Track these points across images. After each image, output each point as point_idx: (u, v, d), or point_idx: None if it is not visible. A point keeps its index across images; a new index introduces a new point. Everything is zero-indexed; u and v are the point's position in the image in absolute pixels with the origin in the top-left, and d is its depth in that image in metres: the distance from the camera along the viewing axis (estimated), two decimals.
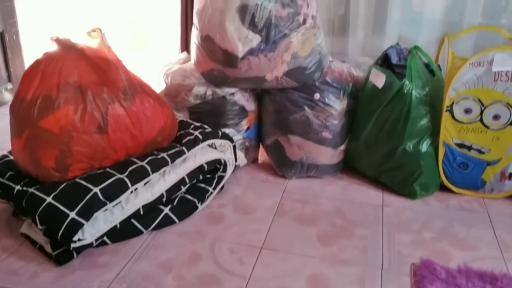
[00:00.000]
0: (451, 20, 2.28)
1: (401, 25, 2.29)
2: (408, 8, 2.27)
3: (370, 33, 2.34)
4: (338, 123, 1.90)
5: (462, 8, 2.23)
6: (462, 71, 1.68)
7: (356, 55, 2.32)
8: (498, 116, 1.73)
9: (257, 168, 2.08)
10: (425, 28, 2.27)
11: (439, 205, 1.81)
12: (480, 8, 2.21)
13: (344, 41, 2.36)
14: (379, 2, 2.25)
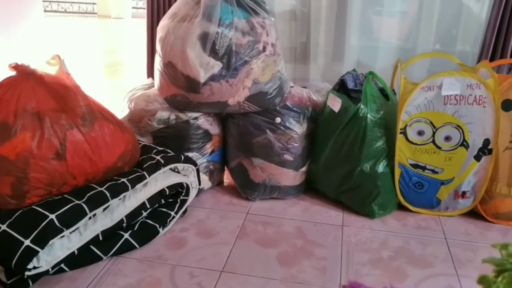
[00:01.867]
0: (406, 47, 2.33)
1: (359, 51, 2.34)
2: (365, 35, 2.32)
3: (330, 59, 2.37)
4: (299, 146, 1.90)
5: (416, 36, 2.29)
6: (414, 95, 1.71)
7: (317, 80, 2.35)
8: (449, 138, 1.75)
9: (222, 191, 2.05)
10: (381, 54, 2.31)
11: (396, 224, 1.81)
12: (433, 36, 2.27)
13: (306, 68, 2.39)
14: (338, 30, 2.29)
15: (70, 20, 7.90)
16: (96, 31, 7.29)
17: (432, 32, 2.26)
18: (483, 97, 1.69)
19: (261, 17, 1.82)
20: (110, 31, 7.22)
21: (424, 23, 2.26)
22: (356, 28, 2.28)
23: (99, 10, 8.08)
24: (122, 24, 7.44)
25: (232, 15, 1.75)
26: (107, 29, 7.37)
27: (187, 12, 1.79)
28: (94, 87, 3.89)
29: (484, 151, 1.75)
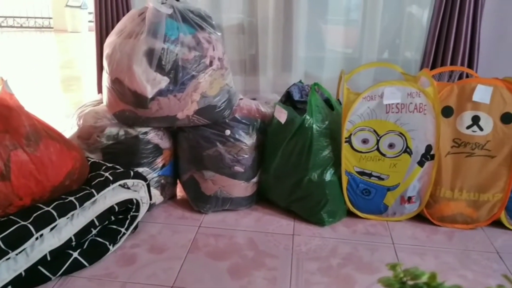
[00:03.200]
0: (352, 57, 2.40)
1: (306, 62, 2.39)
2: (312, 47, 2.37)
3: (279, 71, 2.42)
4: (249, 157, 1.91)
5: (361, 46, 2.37)
6: (357, 104, 1.76)
7: (267, 92, 2.38)
8: (393, 145, 1.81)
9: (174, 205, 2.04)
10: (328, 64, 2.37)
11: (346, 231, 1.84)
12: (377, 45, 2.35)
13: (256, 79, 2.42)
14: (286, 42, 2.34)
15: (27, 35, 7.72)
16: (52, 46, 7.14)
17: (376, 41, 2.34)
18: (423, 104, 1.75)
19: (207, 32, 1.83)
20: (66, 45, 7.09)
21: (368, 32, 2.33)
22: (303, 39, 2.34)
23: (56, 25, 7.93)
24: (79, 38, 7.33)
25: (177, 31, 1.76)
26: (63, 43, 7.24)
27: (133, 28, 1.79)
28: (50, 103, 3.81)
29: (427, 157, 1.82)
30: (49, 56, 6.29)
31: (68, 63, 5.77)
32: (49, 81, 4.74)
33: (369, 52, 2.35)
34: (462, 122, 1.78)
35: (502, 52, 2.29)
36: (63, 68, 5.45)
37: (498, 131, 1.76)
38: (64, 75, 5.03)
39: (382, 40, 2.35)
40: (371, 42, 2.33)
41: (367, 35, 2.35)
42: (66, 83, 4.66)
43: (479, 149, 1.79)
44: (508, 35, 2.25)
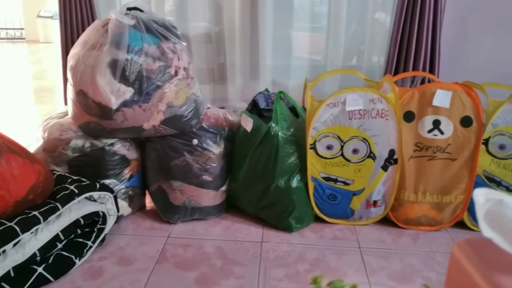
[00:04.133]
0: (318, 64, 2.43)
1: (273, 70, 2.40)
2: (279, 55, 2.38)
3: (247, 79, 2.42)
4: (217, 166, 1.91)
5: (326, 53, 2.39)
6: (320, 112, 1.78)
7: (235, 100, 2.38)
8: (357, 150, 1.83)
9: (143, 216, 2.01)
10: (294, 72, 2.39)
11: (313, 236, 1.85)
12: (342, 52, 2.38)
13: (224, 88, 2.42)
14: (253, 51, 2.35)
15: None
16: (25, 57, 7.01)
17: (341, 48, 2.37)
18: (385, 110, 1.78)
19: (172, 42, 1.83)
20: (39, 56, 6.97)
21: (333, 39, 2.36)
22: (269, 48, 2.35)
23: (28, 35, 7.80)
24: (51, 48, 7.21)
25: (141, 42, 1.75)
26: (36, 54, 7.11)
27: (97, 39, 1.77)
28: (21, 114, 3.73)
29: (390, 161, 1.84)
30: (21, 67, 6.17)
31: (40, 74, 5.67)
32: (21, 92, 4.65)
33: (334, 59, 2.38)
34: (424, 126, 1.81)
35: (463, 57, 2.35)
36: (35, 79, 5.36)
37: (459, 135, 1.80)
38: (36, 86, 4.94)
39: (347, 46, 2.38)
40: (337, 49, 2.36)
41: (332, 42, 2.37)
42: (38, 94, 4.57)
43: (440, 153, 1.82)
44: (468, 41, 2.31)
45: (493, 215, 0.48)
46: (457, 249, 0.60)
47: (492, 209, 0.48)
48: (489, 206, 0.49)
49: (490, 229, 0.47)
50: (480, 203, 0.50)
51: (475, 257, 0.54)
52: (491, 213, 0.48)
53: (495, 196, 0.50)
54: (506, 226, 0.46)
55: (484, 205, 0.49)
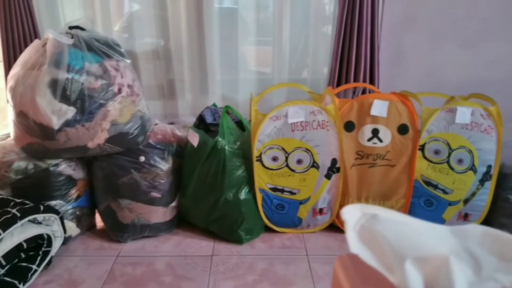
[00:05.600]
0: (266, 78, 2.42)
1: (222, 85, 2.38)
2: (227, 69, 2.36)
3: (197, 94, 2.39)
4: (166, 182, 1.86)
5: (273, 67, 2.39)
6: (264, 125, 1.77)
7: (186, 115, 2.34)
8: (301, 161, 1.83)
9: (93, 236, 1.93)
10: (243, 86, 2.37)
11: (263, 247, 1.83)
12: (287, 66, 2.38)
13: (174, 104, 2.37)
14: (201, 66, 2.32)
15: None
16: None
17: (286, 61, 2.38)
18: (325, 121, 1.79)
19: (115, 59, 1.78)
20: None
21: (279, 53, 2.36)
22: (217, 62, 2.33)
23: None
24: None
25: (82, 60, 1.69)
26: None
27: (37, 59, 1.70)
28: None
29: (333, 170, 1.86)
30: None
31: None
32: None
33: (281, 72, 2.38)
34: (363, 135, 1.83)
35: (401, 68, 2.40)
36: None
37: (396, 142, 1.83)
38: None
39: (292, 60, 2.39)
40: (283, 63, 2.36)
41: (278, 56, 2.37)
42: None
43: (380, 159, 1.85)
44: (406, 52, 2.37)
45: (366, 230, 0.47)
46: (337, 263, 0.59)
47: (366, 224, 0.47)
48: (364, 221, 0.48)
49: (362, 244, 0.46)
50: (350, 219, 0.49)
51: (352, 272, 0.53)
52: (364, 228, 0.47)
53: (370, 210, 0.49)
54: (377, 241, 0.45)
55: (359, 220, 0.48)
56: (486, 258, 0.45)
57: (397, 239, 0.46)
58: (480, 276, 0.45)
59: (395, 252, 0.44)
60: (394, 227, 0.47)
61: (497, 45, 2.34)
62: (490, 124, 1.81)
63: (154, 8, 2.27)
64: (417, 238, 0.47)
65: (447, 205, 1.90)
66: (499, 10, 2.27)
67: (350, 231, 0.48)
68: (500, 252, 0.45)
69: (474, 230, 0.49)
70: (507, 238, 0.46)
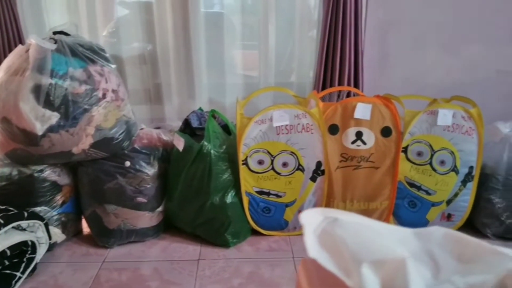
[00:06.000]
0: (252, 81, 2.42)
1: (209, 89, 2.37)
2: (214, 73, 2.35)
3: (184, 98, 2.37)
4: (152, 187, 1.84)
5: (260, 70, 2.39)
6: (249, 128, 1.76)
7: (173, 119, 2.33)
8: (286, 164, 1.83)
9: (79, 242, 1.90)
10: (230, 90, 2.37)
11: (250, 250, 1.82)
12: (273, 70, 2.38)
13: (161, 108, 2.36)
14: (188, 70, 2.31)
15: None
16: None
17: (273, 65, 2.38)
18: (310, 124, 1.79)
19: (99, 65, 1.76)
20: None
21: (266, 57, 2.36)
22: (204, 66, 2.32)
23: None
24: None
25: (66, 66, 1.66)
26: None
27: (20, 65, 1.67)
28: None
29: (318, 173, 1.85)
30: None
31: None
32: None
33: (268, 76, 2.38)
34: (347, 138, 1.84)
35: (385, 71, 2.42)
36: None
37: (380, 144, 1.84)
38: None
39: (279, 64, 2.39)
40: (269, 67, 2.36)
41: (265, 60, 2.37)
42: None
43: (364, 162, 1.85)
44: (390, 56, 2.38)
45: (327, 234, 0.46)
46: (301, 266, 0.59)
47: (327, 228, 0.47)
48: (325, 225, 0.47)
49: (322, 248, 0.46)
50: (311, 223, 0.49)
51: (314, 276, 0.52)
52: (325, 232, 0.47)
53: (332, 214, 0.49)
54: (336, 245, 0.45)
55: (321, 224, 0.48)
56: (446, 261, 0.45)
57: (355, 242, 0.45)
58: (438, 278, 0.44)
59: (352, 256, 0.44)
60: (354, 231, 0.47)
61: (477, 49, 2.37)
62: (471, 125, 1.83)
63: (140, 12, 2.26)
64: (377, 241, 0.46)
65: (431, 206, 1.91)
66: (478, 14, 2.30)
67: (309, 235, 0.47)
68: (459, 254, 0.45)
69: (437, 233, 0.49)
70: (467, 240, 0.46)
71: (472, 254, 0.44)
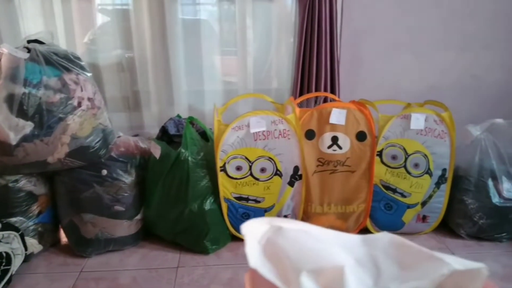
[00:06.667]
0: (232, 88, 2.40)
1: (189, 96, 2.34)
2: (192, 80, 2.33)
3: (163, 105, 2.34)
4: (130, 195, 1.80)
5: (238, 78, 2.38)
6: (227, 135, 1.74)
7: (152, 127, 2.29)
8: (264, 169, 1.81)
9: (56, 252, 1.85)
10: (209, 97, 2.35)
11: (229, 256, 1.80)
12: (252, 77, 2.37)
13: (140, 115, 2.32)
14: (166, 77, 2.28)
15: None
16: None
17: (251, 72, 2.37)
18: (286, 130, 1.78)
19: (75, 73, 1.72)
20: None
21: (244, 64, 2.35)
22: (183, 73, 2.29)
23: None
24: None
25: (40, 74, 1.62)
26: None
27: None
28: None
29: (296, 177, 1.85)
30: None
31: None
32: None
33: (247, 82, 2.37)
34: (324, 142, 1.83)
35: (361, 77, 2.44)
36: None
37: (355, 148, 1.84)
38: None
39: (258, 70, 2.38)
40: (249, 73, 2.35)
41: (244, 67, 2.36)
42: None
43: (340, 166, 1.85)
44: (365, 62, 2.40)
45: (271, 244, 0.45)
46: (247, 276, 0.57)
47: (271, 237, 0.46)
48: (270, 234, 0.46)
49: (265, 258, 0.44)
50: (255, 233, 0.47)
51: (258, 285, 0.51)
52: (270, 241, 0.46)
53: (277, 223, 0.47)
54: (278, 254, 0.44)
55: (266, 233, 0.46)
56: (387, 267, 0.44)
57: (296, 251, 0.44)
58: (378, 285, 0.44)
59: (293, 265, 0.42)
60: (296, 239, 0.46)
61: (448, 54, 2.40)
62: (443, 129, 1.85)
63: (118, 20, 2.23)
64: (319, 249, 0.45)
65: (406, 208, 1.92)
66: (449, 21, 2.34)
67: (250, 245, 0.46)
68: (401, 260, 0.44)
69: (383, 239, 0.48)
70: (408, 246, 0.45)
71: (412, 260, 0.43)
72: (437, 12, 2.32)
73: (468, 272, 0.41)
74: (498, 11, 2.34)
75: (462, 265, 0.40)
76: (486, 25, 2.36)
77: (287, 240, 0.45)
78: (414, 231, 1.97)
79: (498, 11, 2.34)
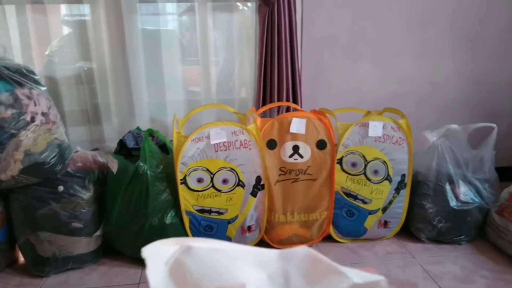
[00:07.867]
0: (195, 99, 2.37)
1: (150, 107, 2.30)
2: (153, 91, 2.29)
3: (124, 117, 2.28)
4: (88, 211, 1.74)
5: (201, 88, 2.35)
6: (186, 147, 1.71)
7: (113, 140, 2.23)
8: (226, 180, 1.79)
9: (12, 272, 1.77)
10: (172, 108, 2.31)
11: None
12: (215, 87, 2.35)
13: (100, 128, 2.26)
14: (126, 89, 2.23)
15: None
16: None
17: (214, 82, 2.35)
18: (247, 140, 1.77)
19: (28, 87, 1.65)
20: None
21: (206, 75, 2.33)
22: (143, 84, 2.24)
23: None
24: None
25: None
26: None
27: None
28: None
29: (258, 187, 1.83)
30: None
31: None
32: None
33: (210, 93, 2.34)
34: (285, 152, 1.83)
35: (322, 86, 2.45)
36: None
37: (316, 157, 1.84)
38: None
39: (221, 80, 2.36)
40: (212, 84, 2.33)
41: (206, 77, 2.34)
42: None
43: (302, 174, 1.85)
44: (326, 71, 2.42)
45: (179, 264, 0.43)
46: None
47: (179, 258, 0.43)
48: (178, 255, 0.44)
49: (170, 279, 0.42)
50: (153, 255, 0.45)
51: None
52: (177, 262, 0.43)
53: (188, 242, 0.45)
54: (183, 275, 0.42)
55: (175, 253, 0.44)
56: (297, 282, 0.43)
57: (201, 271, 0.42)
58: None
59: (196, 285, 0.40)
60: (203, 259, 0.44)
61: (407, 62, 2.45)
62: (401, 136, 1.87)
63: (75, 31, 2.17)
64: (225, 267, 0.43)
65: (367, 214, 1.93)
66: (406, 31, 2.39)
67: (152, 267, 0.43)
68: (310, 274, 0.43)
69: (299, 253, 0.47)
70: (319, 260, 0.44)
71: (319, 275, 0.42)
72: (395, 20, 2.36)
73: (368, 285, 0.40)
74: (453, 21, 2.40)
75: (361, 279, 0.40)
76: (443, 34, 2.43)
77: (195, 259, 0.43)
78: (376, 237, 1.98)
79: (453, 21, 2.40)
